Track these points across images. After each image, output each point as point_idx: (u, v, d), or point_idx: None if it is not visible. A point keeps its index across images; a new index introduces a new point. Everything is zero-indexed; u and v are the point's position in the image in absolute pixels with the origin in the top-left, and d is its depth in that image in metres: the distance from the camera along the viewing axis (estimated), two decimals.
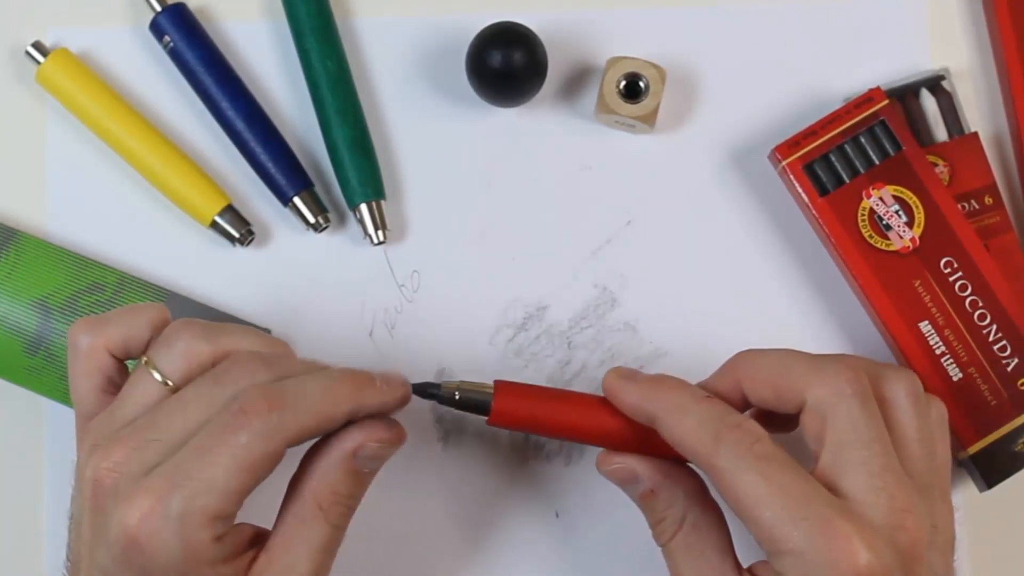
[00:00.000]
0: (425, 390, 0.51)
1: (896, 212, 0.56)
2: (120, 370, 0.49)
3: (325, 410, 0.46)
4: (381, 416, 0.48)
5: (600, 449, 0.51)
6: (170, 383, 0.47)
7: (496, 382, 0.51)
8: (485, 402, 0.51)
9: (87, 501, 0.45)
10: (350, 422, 0.47)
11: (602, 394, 0.51)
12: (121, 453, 0.44)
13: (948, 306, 0.56)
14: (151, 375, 0.47)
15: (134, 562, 0.43)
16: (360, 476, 0.48)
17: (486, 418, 0.51)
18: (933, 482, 0.47)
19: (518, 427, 0.52)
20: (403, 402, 0.49)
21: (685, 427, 0.47)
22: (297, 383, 0.46)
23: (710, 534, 0.49)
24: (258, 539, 0.47)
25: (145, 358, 0.47)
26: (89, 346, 0.48)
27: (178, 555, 0.43)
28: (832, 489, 0.45)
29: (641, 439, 0.50)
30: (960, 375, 0.56)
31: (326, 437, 0.48)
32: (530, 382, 0.58)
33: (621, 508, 0.57)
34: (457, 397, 0.51)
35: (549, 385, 0.58)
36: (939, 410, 0.50)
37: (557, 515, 0.58)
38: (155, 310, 0.49)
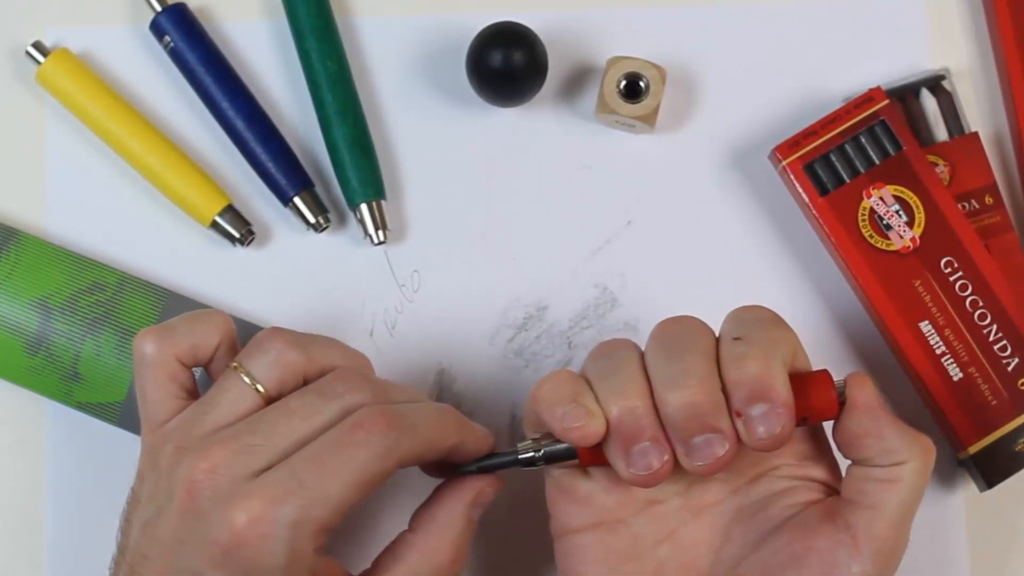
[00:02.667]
0: (503, 464, 0.49)
1: (896, 212, 0.56)
2: (190, 377, 0.49)
3: (436, 439, 0.47)
4: None
5: None
6: (262, 390, 0.47)
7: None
8: (570, 449, 0.47)
9: (178, 503, 0.44)
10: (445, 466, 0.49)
11: None
12: (221, 456, 0.44)
13: (948, 306, 0.56)
14: (243, 381, 0.47)
15: (234, 564, 0.43)
16: (471, 528, 0.49)
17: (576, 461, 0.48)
18: None
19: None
20: (489, 449, 0.50)
21: None
22: (410, 408, 0.47)
23: None
24: None
25: (235, 364, 0.47)
26: (158, 355, 0.48)
27: (282, 562, 0.43)
28: None
29: None
30: (960, 375, 0.56)
31: (438, 492, 0.49)
32: (530, 382, 0.58)
33: None
34: (541, 453, 0.47)
35: None
36: None
37: None
38: (220, 317, 0.50)
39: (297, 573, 0.44)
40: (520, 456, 0.48)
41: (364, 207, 0.58)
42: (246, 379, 0.47)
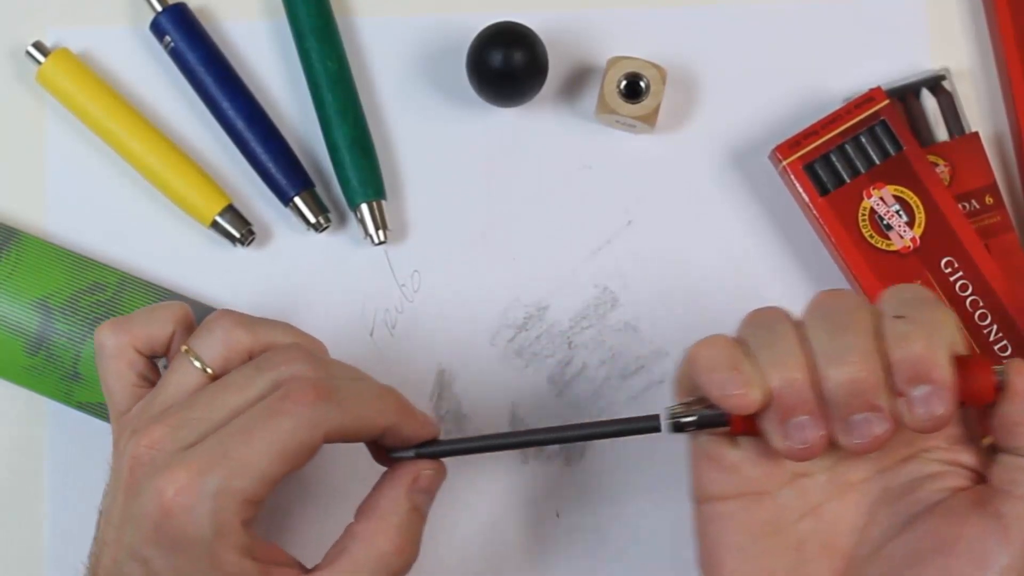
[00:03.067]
0: (656, 425, 0.47)
1: (897, 212, 0.56)
2: (150, 367, 0.50)
3: (369, 415, 0.46)
4: None
5: None
6: (209, 370, 0.47)
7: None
8: (723, 415, 0.45)
9: (123, 482, 0.45)
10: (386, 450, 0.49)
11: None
12: (160, 432, 0.45)
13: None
14: (191, 362, 0.47)
15: (164, 536, 0.43)
16: (417, 515, 0.48)
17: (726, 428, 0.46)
18: None
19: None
20: (435, 434, 0.50)
21: None
22: (346, 383, 0.47)
23: None
24: (297, 568, 0.47)
25: (185, 347, 0.48)
26: (116, 345, 0.49)
27: (207, 533, 0.43)
28: None
29: None
30: None
31: (380, 483, 0.48)
32: (530, 382, 0.58)
33: (621, 508, 0.57)
34: (696, 418, 0.46)
35: (549, 385, 0.58)
36: None
37: (558, 515, 0.58)
38: (177, 307, 0.50)
39: (225, 546, 0.43)
40: (671, 419, 0.46)
41: (364, 207, 0.58)
42: (194, 360, 0.47)
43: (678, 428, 0.46)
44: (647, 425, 0.47)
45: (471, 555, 0.57)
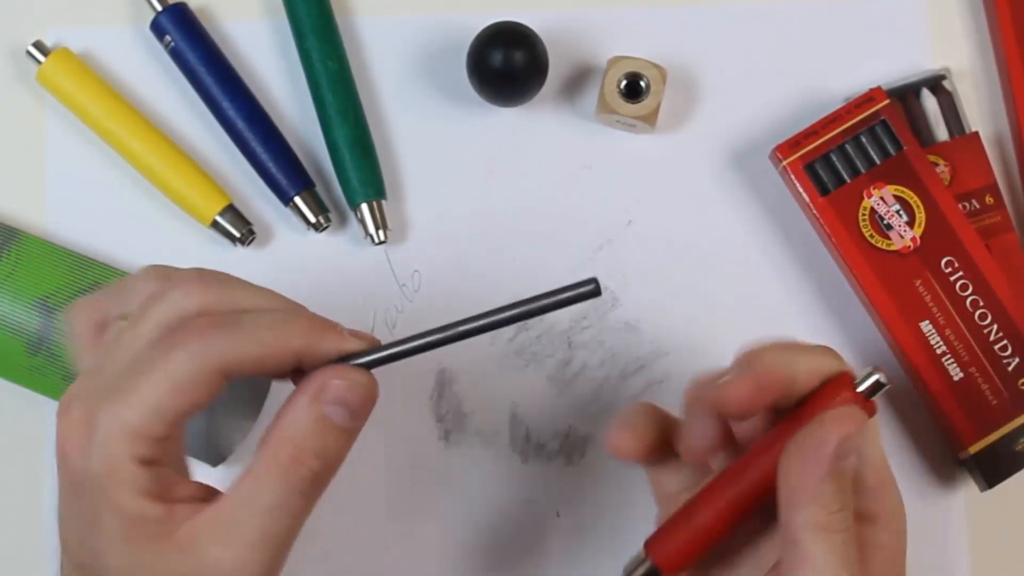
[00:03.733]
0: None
1: (897, 212, 0.56)
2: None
3: (272, 340, 0.42)
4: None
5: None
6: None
7: (645, 544, 0.47)
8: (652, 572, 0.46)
9: (59, 448, 0.43)
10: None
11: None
12: (76, 388, 0.43)
13: (949, 306, 0.56)
14: (117, 320, 0.45)
15: (65, 479, 0.42)
16: (330, 429, 0.43)
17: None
18: None
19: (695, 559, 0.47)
20: (370, 345, 0.45)
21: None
22: (249, 310, 0.43)
23: None
24: (208, 497, 0.44)
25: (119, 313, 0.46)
26: (84, 301, 0.46)
27: (99, 468, 0.41)
28: None
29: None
30: (961, 375, 0.56)
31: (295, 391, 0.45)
32: (530, 382, 0.58)
33: (621, 508, 0.57)
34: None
35: (549, 385, 0.58)
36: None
37: (558, 515, 0.58)
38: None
39: (119, 486, 0.41)
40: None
41: (364, 207, 0.58)
42: (122, 320, 0.45)
43: None
44: (586, 291, 0.43)
45: (471, 555, 0.57)
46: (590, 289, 0.43)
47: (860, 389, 0.43)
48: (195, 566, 0.41)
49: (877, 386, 0.43)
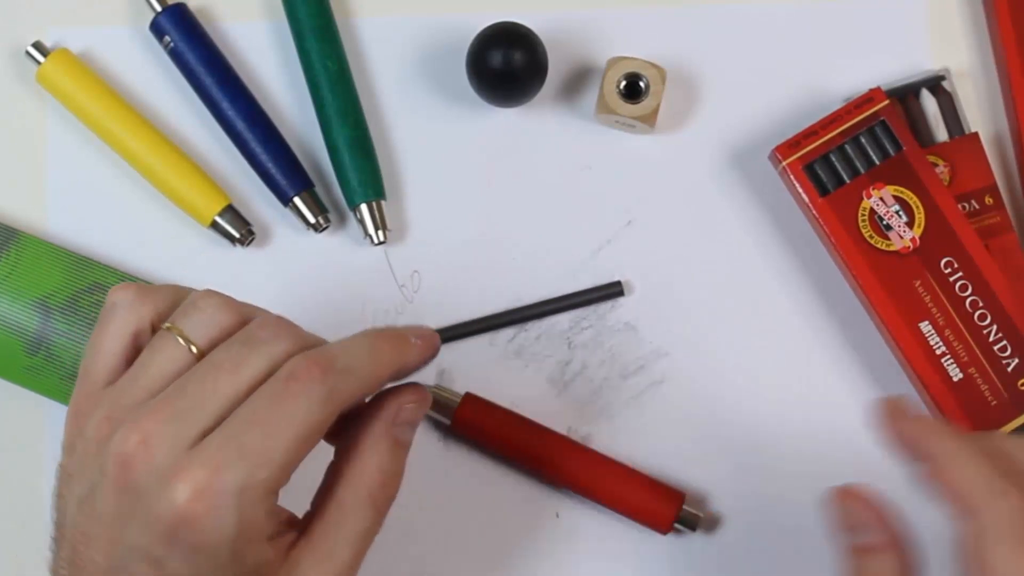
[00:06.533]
0: None
1: (896, 212, 0.56)
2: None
3: (374, 371, 0.44)
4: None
5: None
6: (195, 349, 0.44)
7: (466, 394, 0.56)
8: (450, 406, 0.56)
9: (111, 479, 0.42)
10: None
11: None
12: (153, 426, 0.42)
13: (948, 306, 0.56)
14: (175, 340, 0.44)
15: (183, 540, 0.41)
16: (399, 449, 0.46)
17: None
18: None
19: (477, 438, 0.57)
20: (436, 353, 0.47)
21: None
22: (340, 348, 0.44)
23: None
24: (292, 523, 0.45)
25: (168, 324, 0.45)
26: (132, 310, 0.45)
27: (232, 532, 0.41)
28: None
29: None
30: (960, 375, 0.56)
31: (361, 415, 0.46)
32: (530, 382, 0.58)
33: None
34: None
35: (549, 385, 0.58)
36: None
37: (557, 515, 0.58)
38: (191, 290, 0.47)
39: (249, 541, 0.42)
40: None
41: (364, 207, 0.58)
42: (179, 339, 0.44)
43: None
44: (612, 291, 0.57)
45: (471, 555, 0.57)
46: (615, 291, 0.57)
47: None
48: None
49: None
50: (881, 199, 0.56)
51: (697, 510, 0.56)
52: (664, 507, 0.56)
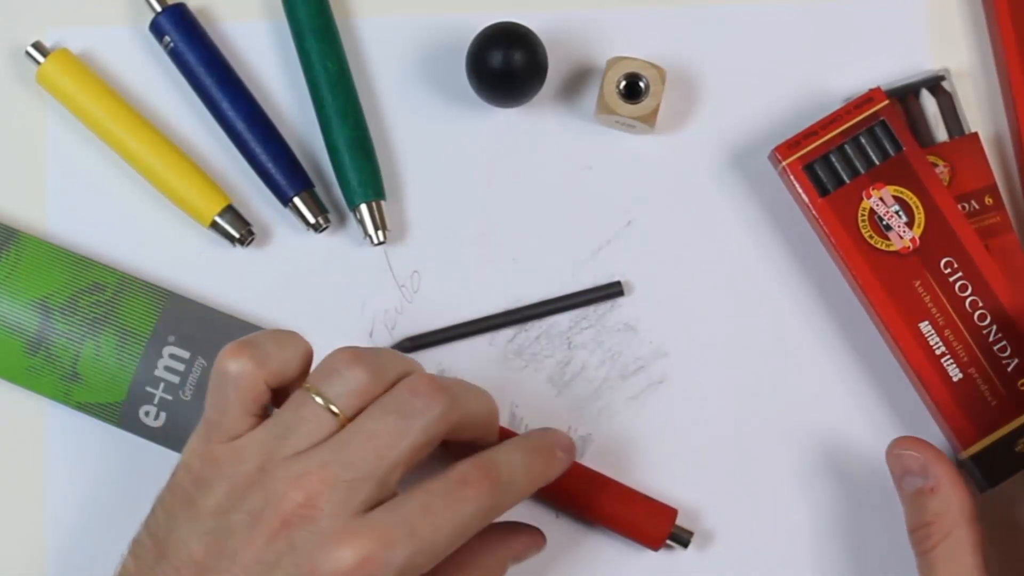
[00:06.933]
0: None
1: (896, 212, 0.56)
2: (269, 397, 0.48)
3: (527, 488, 0.49)
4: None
5: None
6: (339, 413, 0.46)
7: None
8: None
9: (268, 529, 0.44)
10: None
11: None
12: (316, 487, 0.44)
13: (948, 306, 0.56)
14: (318, 403, 0.46)
15: None
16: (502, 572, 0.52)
17: None
18: None
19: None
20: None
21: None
22: (504, 459, 0.48)
23: (974, 556, 0.51)
24: None
25: (308, 385, 0.47)
26: (246, 375, 0.47)
27: None
28: None
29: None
30: (960, 375, 0.56)
31: (485, 535, 0.50)
32: (530, 382, 0.58)
33: None
34: None
35: (548, 385, 0.58)
36: None
37: (557, 515, 0.58)
38: (303, 343, 0.49)
39: None
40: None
41: (364, 207, 0.58)
42: (320, 401, 0.46)
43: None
44: (612, 292, 0.58)
45: None
46: (615, 291, 0.58)
47: None
48: None
49: None
50: (881, 199, 0.56)
51: (689, 528, 0.56)
52: (656, 524, 0.55)
